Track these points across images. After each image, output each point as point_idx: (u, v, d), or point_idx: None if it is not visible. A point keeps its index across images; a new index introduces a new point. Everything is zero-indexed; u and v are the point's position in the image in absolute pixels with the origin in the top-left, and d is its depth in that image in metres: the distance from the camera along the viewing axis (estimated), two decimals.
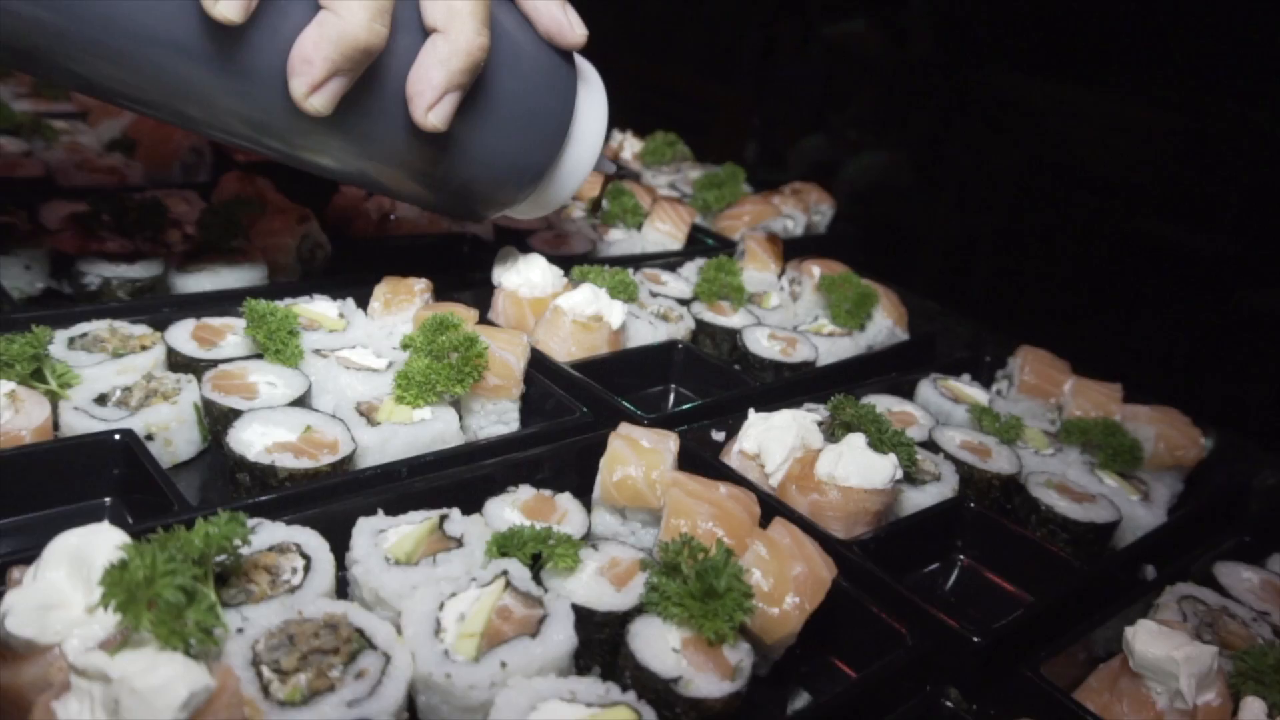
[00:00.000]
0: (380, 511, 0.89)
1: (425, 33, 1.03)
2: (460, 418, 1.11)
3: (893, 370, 1.46)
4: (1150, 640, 0.86)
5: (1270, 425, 1.64)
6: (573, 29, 1.17)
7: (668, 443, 1.00)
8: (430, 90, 1.02)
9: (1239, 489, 1.29)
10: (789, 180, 2.18)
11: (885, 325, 1.57)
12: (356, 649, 0.74)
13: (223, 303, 1.23)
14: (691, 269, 1.66)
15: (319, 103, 0.97)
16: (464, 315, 1.18)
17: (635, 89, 3.23)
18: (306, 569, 0.80)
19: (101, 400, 1.01)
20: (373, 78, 1.01)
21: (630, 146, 2.35)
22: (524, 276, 1.38)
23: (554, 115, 1.18)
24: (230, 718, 0.64)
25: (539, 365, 1.24)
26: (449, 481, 0.98)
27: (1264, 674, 0.85)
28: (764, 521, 0.93)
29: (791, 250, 1.77)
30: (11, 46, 0.92)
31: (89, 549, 0.70)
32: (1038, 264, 2.26)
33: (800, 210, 2.04)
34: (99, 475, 0.94)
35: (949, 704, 0.81)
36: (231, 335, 1.16)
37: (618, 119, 2.43)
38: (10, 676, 0.66)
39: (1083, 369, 1.43)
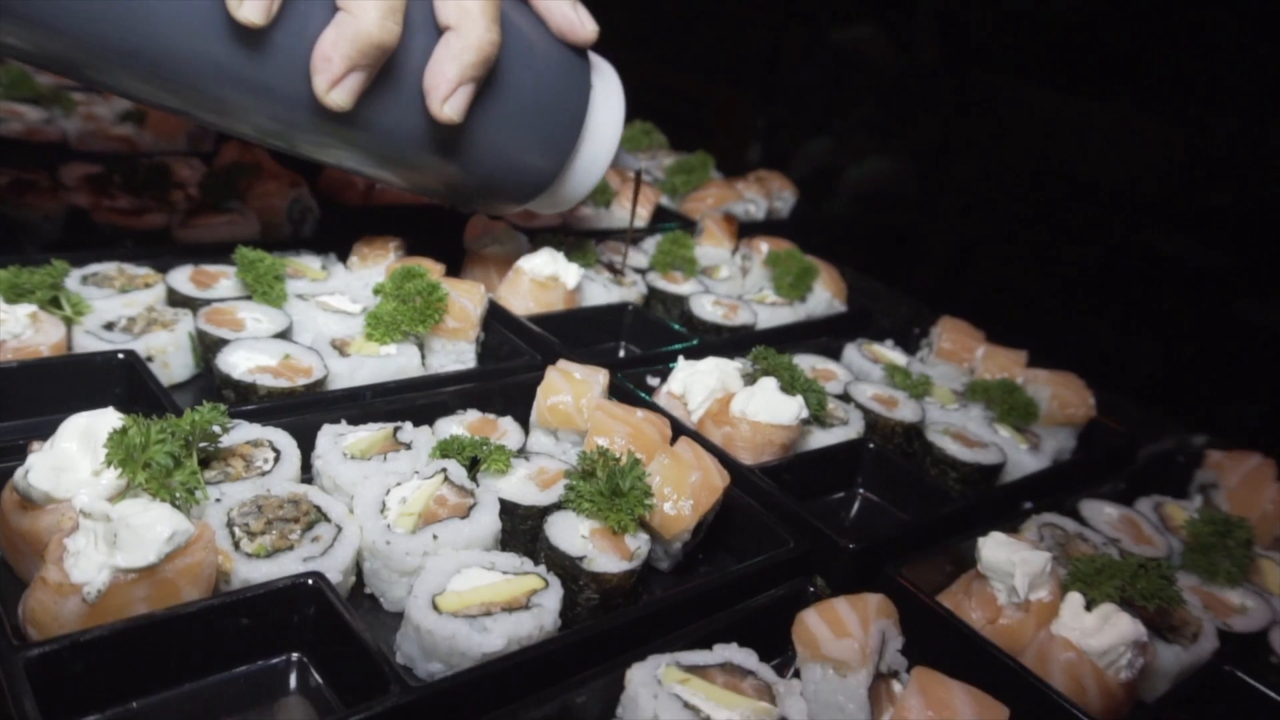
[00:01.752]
0: (343, 421, 1.04)
1: (439, 31, 1.12)
2: (423, 356, 1.27)
3: (824, 336, 1.61)
4: (995, 547, 1.01)
5: (1178, 399, 1.78)
6: (584, 25, 1.25)
7: (598, 376, 1.15)
8: (445, 84, 1.12)
9: (1126, 447, 1.44)
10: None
11: (824, 297, 1.72)
12: (314, 520, 0.89)
13: (219, 254, 1.38)
14: (652, 244, 1.80)
15: (339, 97, 1.06)
16: (430, 267, 1.33)
17: (642, 90, 3.33)
18: (276, 459, 0.96)
19: (109, 326, 1.16)
20: (391, 75, 1.10)
21: None
22: (491, 240, 1.53)
23: (568, 109, 1.26)
24: (206, 559, 0.79)
25: (499, 317, 1.39)
26: (406, 405, 1.13)
27: (1089, 576, 0.99)
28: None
29: (754, 233, 1.91)
30: (43, 54, 1.01)
31: (96, 427, 0.85)
32: (1018, 266, 2.33)
33: (762, 196, 2.19)
34: (104, 387, 1.09)
35: (813, 589, 0.96)
36: (225, 280, 1.32)
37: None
38: (30, 522, 0.81)
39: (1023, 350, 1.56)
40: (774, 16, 3.06)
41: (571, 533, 0.95)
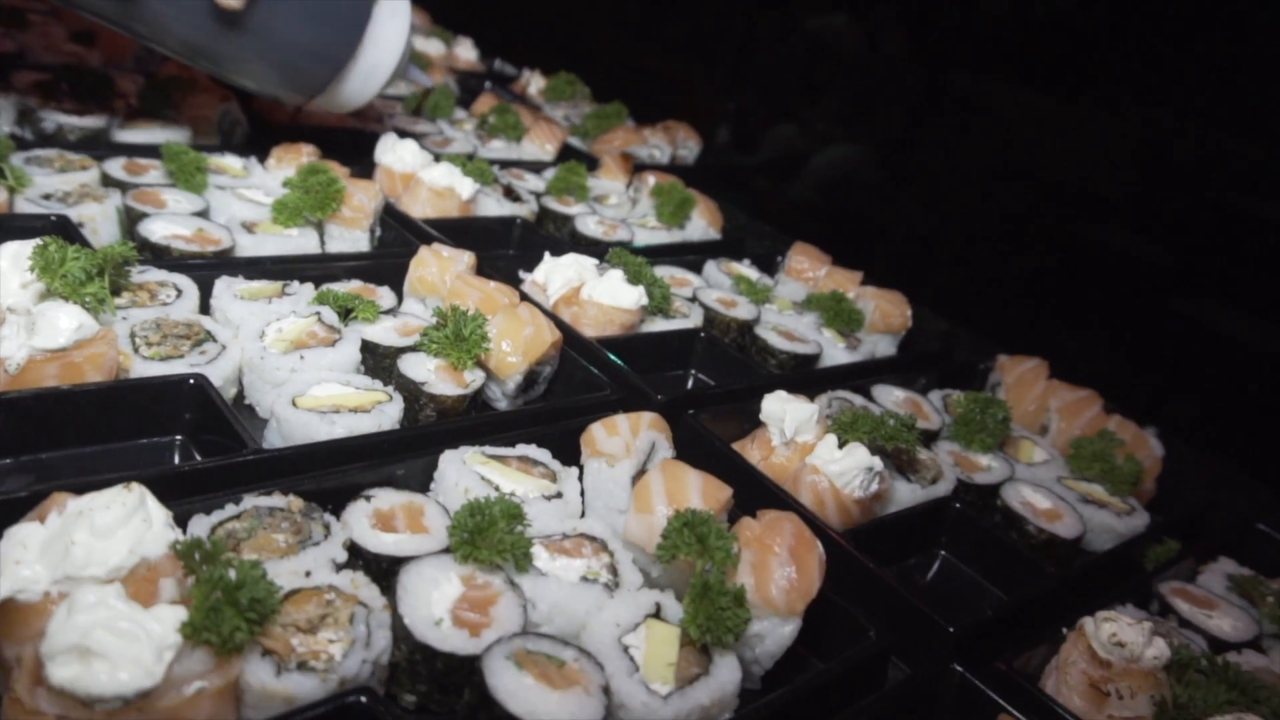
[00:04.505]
0: (241, 277, 1.25)
1: None
2: (322, 243, 1.47)
3: (693, 255, 1.82)
4: (773, 401, 1.23)
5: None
6: None
7: (463, 257, 1.36)
8: None
9: (936, 353, 1.67)
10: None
11: (700, 225, 1.94)
12: (203, 339, 1.10)
13: (151, 153, 1.56)
14: (552, 174, 2.01)
15: None
16: (335, 168, 1.53)
17: (615, 68, 3.44)
18: (178, 296, 1.16)
19: (46, 197, 1.35)
20: None
21: (536, 83, 2.69)
22: (397, 155, 1.73)
23: (348, 12, 1.49)
24: (108, 352, 1.00)
25: (396, 218, 1.59)
26: (299, 273, 1.33)
27: (846, 425, 1.21)
28: None
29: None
30: None
31: (24, 252, 1.05)
32: (979, 256, 2.41)
33: (667, 143, 2.40)
34: None
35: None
36: (154, 171, 1.51)
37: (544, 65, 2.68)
38: None
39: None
40: (749, 1, 3.21)
41: (420, 367, 1.16)
